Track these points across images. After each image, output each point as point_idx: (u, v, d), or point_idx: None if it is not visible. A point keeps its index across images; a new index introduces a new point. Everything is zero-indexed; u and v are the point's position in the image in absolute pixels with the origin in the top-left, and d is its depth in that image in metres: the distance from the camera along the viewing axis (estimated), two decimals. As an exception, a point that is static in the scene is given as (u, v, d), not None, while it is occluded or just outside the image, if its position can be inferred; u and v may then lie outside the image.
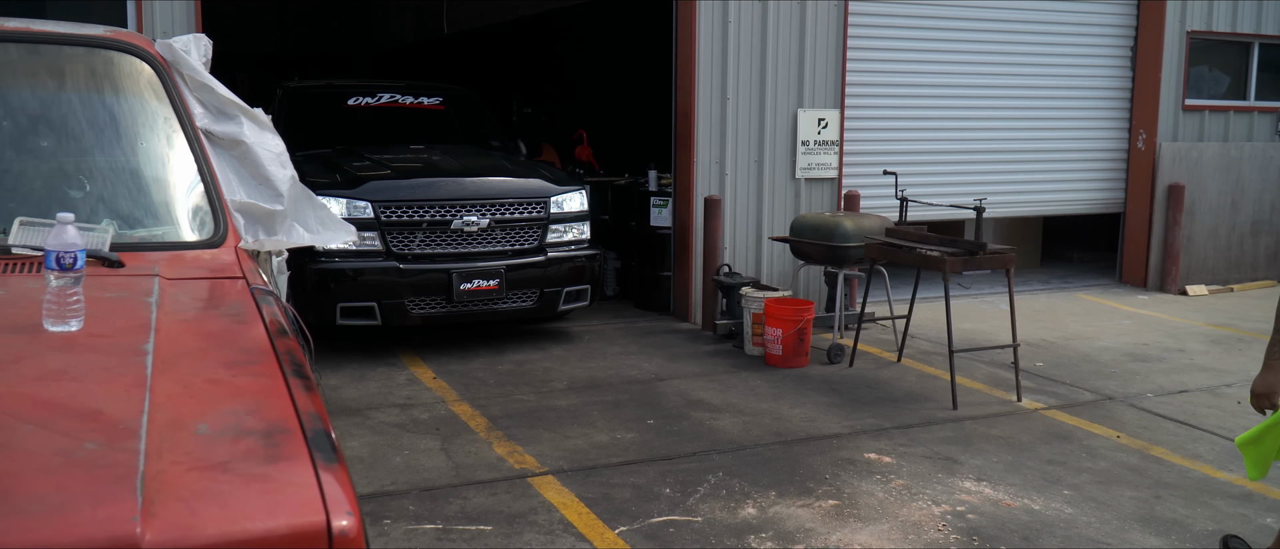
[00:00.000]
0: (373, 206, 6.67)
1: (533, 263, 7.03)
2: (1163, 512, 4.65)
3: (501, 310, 6.99)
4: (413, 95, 8.51)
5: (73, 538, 1.45)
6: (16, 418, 1.73)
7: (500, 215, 6.95)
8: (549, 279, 7.10)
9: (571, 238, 7.28)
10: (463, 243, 6.86)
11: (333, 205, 6.28)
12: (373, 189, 6.72)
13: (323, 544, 1.59)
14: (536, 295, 7.09)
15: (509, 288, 6.92)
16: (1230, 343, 7.96)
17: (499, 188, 7.05)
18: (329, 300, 6.58)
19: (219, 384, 2.02)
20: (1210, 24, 10.17)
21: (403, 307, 6.72)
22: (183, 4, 6.55)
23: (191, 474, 1.64)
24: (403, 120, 8.38)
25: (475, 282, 6.78)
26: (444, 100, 8.65)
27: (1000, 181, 9.62)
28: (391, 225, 6.71)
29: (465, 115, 8.74)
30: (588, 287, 7.34)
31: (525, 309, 7.08)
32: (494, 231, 6.93)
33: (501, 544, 4.20)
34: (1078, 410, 6.15)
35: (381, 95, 8.37)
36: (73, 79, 3.10)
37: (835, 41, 8.59)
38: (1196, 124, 10.29)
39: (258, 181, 3.18)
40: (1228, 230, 10.30)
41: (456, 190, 6.88)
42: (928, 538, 4.33)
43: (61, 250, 2.13)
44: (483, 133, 8.60)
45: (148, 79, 3.13)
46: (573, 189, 7.36)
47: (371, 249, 6.68)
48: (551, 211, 7.15)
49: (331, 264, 6.60)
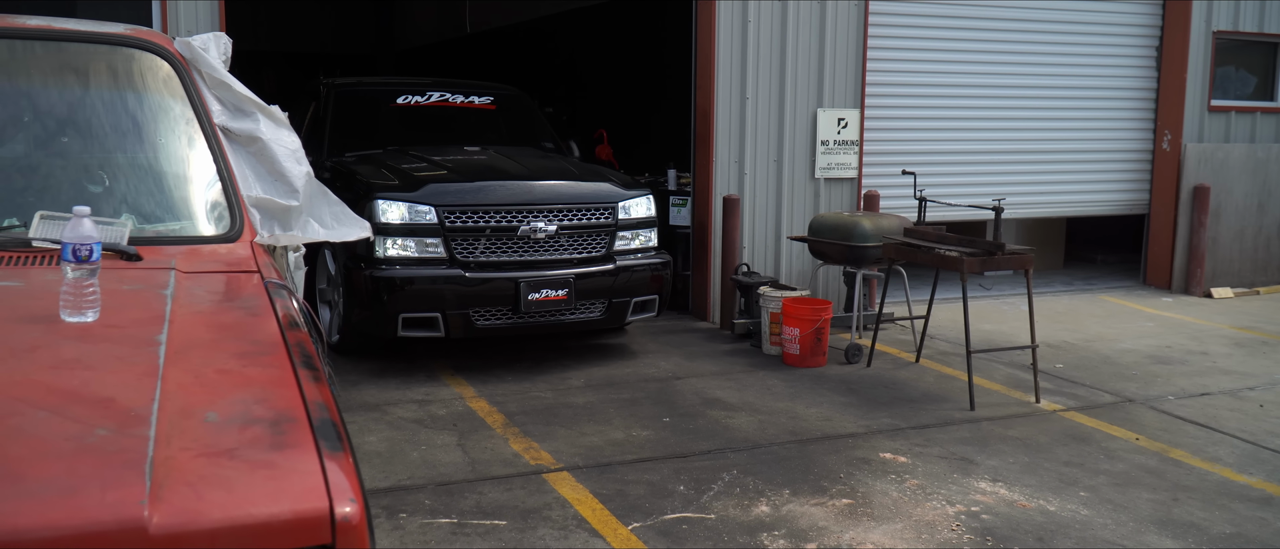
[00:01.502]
0: (436, 211, 6.28)
1: (601, 272, 6.63)
2: (1180, 514, 4.63)
3: (568, 322, 6.60)
4: (463, 94, 8.19)
5: (82, 520, 1.49)
6: (30, 404, 1.77)
7: (567, 221, 6.56)
8: (617, 288, 6.71)
9: (639, 245, 6.90)
10: (529, 250, 6.47)
11: (392, 209, 6.22)
12: (436, 192, 6.35)
13: (326, 530, 1.63)
14: (604, 306, 6.69)
15: (577, 298, 6.52)
16: (1254, 346, 7.89)
17: (566, 192, 6.68)
18: (391, 310, 6.24)
19: (229, 374, 2.05)
20: (1237, 24, 10.08)
21: (468, 318, 6.33)
22: (207, 3, 6.62)
23: (199, 460, 1.67)
24: (453, 120, 8.05)
25: (544, 291, 6.38)
26: (495, 100, 8.31)
27: (1022, 182, 9.57)
28: (455, 231, 6.32)
29: (517, 115, 8.41)
30: (656, 297, 6.95)
31: (593, 320, 6.70)
32: (560, 238, 6.54)
33: (515, 539, 4.23)
34: (1097, 412, 6.11)
35: (431, 94, 8.04)
36: (93, 77, 3.15)
37: (855, 41, 8.57)
38: (1222, 125, 10.20)
39: (274, 177, 3.23)
40: (1254, 232, 10.20)
41: (523, 194, 6.51)
42: (941, 538, 4.32)
43: (78, 243, 2.17)
44: (535, 133, 8.28)
45: (167, 76, 3.18)
46: (640, 193, 6.98)
47: (434, 256, 6.31)
48: (619, 217, 6.77)
49: (392, 272, 6.23)
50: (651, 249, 6.99)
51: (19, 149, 3.07)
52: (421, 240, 6.24)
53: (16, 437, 1.67)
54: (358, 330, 6.57)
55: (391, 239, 6.23)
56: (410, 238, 6.23)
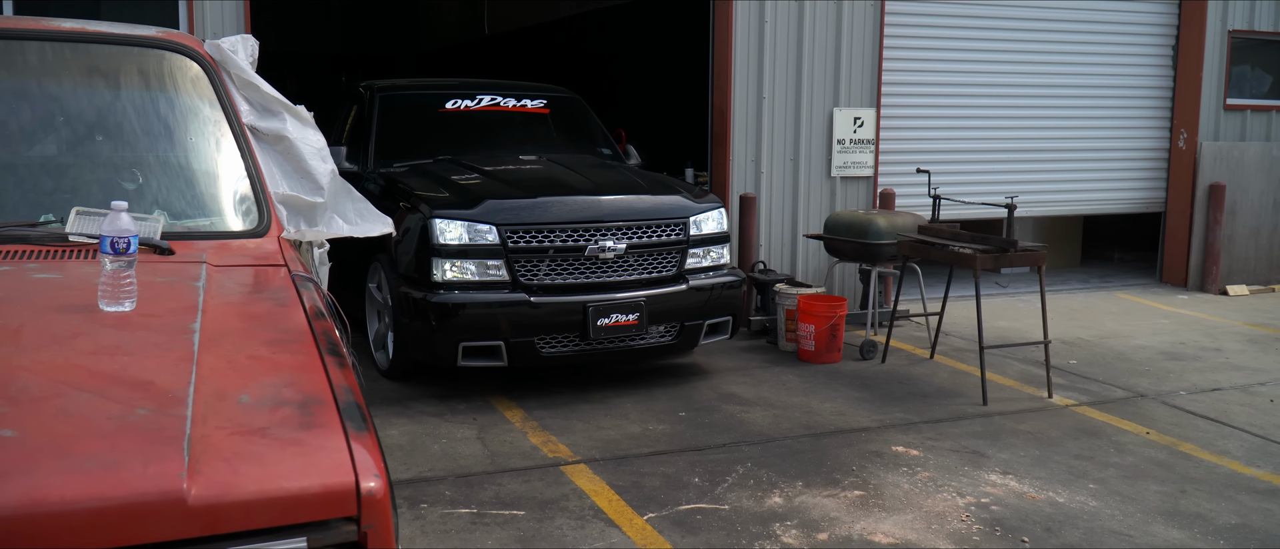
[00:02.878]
0: (498, 230, 5.79)
1: (673, 293, 6.15)
2: (1187, 506, 4.69)
3: (638, 347, 6.14)
4: (515, 97, 7.63)
5: (126, 491, 1.60)
6: (74, 387, 1.89)
7: (637, 239, 6.07)
8: (690, 310, 6.24)
9: (710, 262, 6.42)
10: (596, 271, 5.98)
11: (451, 229, 5.77)
12: (497, 210, 5.85)
13: (351, 503, 1.73)
14: (676, 329, 6.23)
15: (649, 321, 6.05)
16: (1268, 342, 7.91)
17: (635, 206, 6.18)
18: (450, 339, 5.75)
19: (260, 360, 2.16)
20: (1252, 23, 10.08)
21: (532, 346, 5.87)
22: (232, 4, 6.76)
23: (233, 438, 1.78)
24: (505, 126, 7.52)
25: (613, 316, 5.90)
26: (548, 103, 7.76)
27: (1038, 180, 9.61)
28: (519, 252, 5.83)
29: (572, 120, 7.86)
30: (730, 318, 6.45)
31: (664, 345, 6.26)
32: (629, 258, 6.05)
33: (533, 529, 4.34)
34: (1109, 407, 6.17)
35: (481, 97, 7.51)
36: (126, 78, 3.28)
37: (872, 41, 8.64)
38: (1238, 123, 10.21)
39: (300, 175, 3.34)
40: (1270, 230, 10.20)
41: (590, 210, 6.01)
42: (950, 528, 4.40)
43: (116, 236, 2.29)
44: (591, 139, 7.75)
45: (197, 78, 3.30)
46: (712, 206, 6.49)
47: (496, 279, 5.81)
48: (691, 233, 6.28)
49: (452, 297, 5.75)
50: (724, 266, 6.52)
51: (55, 148, 3.19)
52: (482, 262, 5.80)
53: (62, 416, 1.78)
54: (412, 359, 6.19)
55: (450, 261, 5.78)
56: (470, 260, 5.79)
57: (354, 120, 7.53)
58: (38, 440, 1.68)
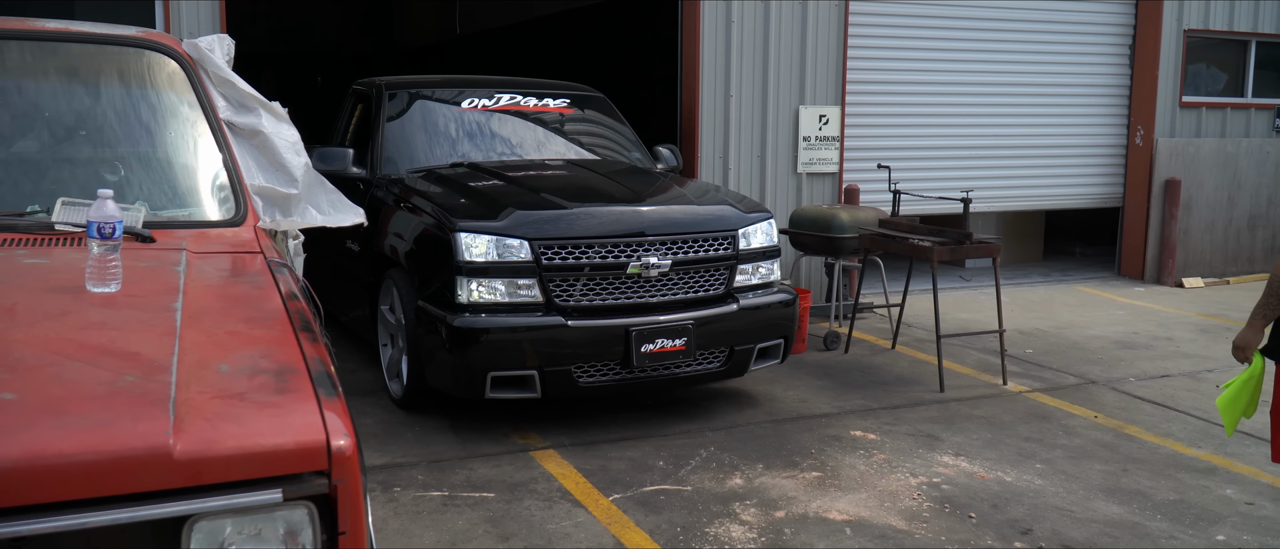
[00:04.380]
0: (530, 246, 5.20)
1: (723, 314, 5.55)
2: (1128, 483, 4.91)
3: (684, 374, 5.54)
4: (536, 96, 7.05)
5: (117, 446, 1.77)
6: (67, 357, 2.05)
7: (683, 254, 5.48)
8: (740, 333, 5.64)
9: (759, 279, 5.82)
10: (638, 291, 5.40)
11: (477, 244, 5.18)
12: (529, 221, 5.26)
13: (323, 459, 1.90)
14: (725, 354, 5.63)
15: (696, 347, 5.47)
16: (1218, 332, 8.18)
17: (681, 218, 5.59)
18: (477, 368, 5.14)
19: (237, 335, 2.33)
20: (1207, 22, 10.37)
21: (568, 375, 5.26)
22: (208, 4, 6.89)
23: (214, 401, 1.95)
24: (528, 127, 6.90)
25: (659, 342, 5.32)
26: (572, 102, 7.19)
27: (999, 176, 9.86)
28: (554, 269, 5.23)
29: (599, 120, 7.28)
30: (781, 341, 5.86)
31: (711, 372, 5.65)
32: (673, 275, 5.46)
33: (503, 509, 4.51)
34: (1060, 393, 6.40)
35: (500, 96, 6.92)
36: (107, 76, 3.43)
37: (836, 40, 8.86)
38: (1194, 120, 10.50)
39: (275, 168, 3.51)
40: (1224, 225, 10.50)
41: (632, 222, 5.42)
42: (902, 505, 4.61)
43: (102, 221, 2.45)
44: (620, 141, 7.17)
45: (176, 75, 3.45)
46: (762, 217, 5.89)
47: (529, 301, 5.21)
48: (739, 247, 5.68)
49: (479, 321, 5.12)
50: (774, 283, 5.93)
51: (40, 142, 3.34)
52: (512, 281, 5.20)
53: (57, 382, 1.94)
54: (431, 388, 5.53)
55: (476, 280, 5.17)
56: (499, 278, 5.19)
57: (359, 121, 7.07)
58: (35, 402, 1.85)
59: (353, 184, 6.27)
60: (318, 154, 6.03)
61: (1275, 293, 3.66)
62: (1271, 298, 3.68)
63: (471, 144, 6.62)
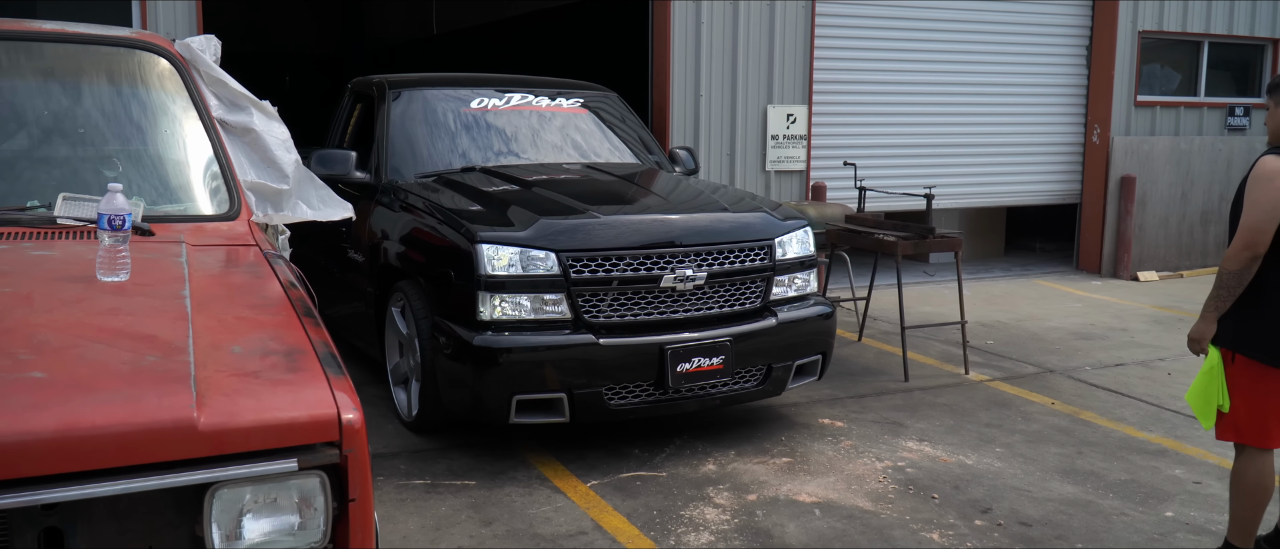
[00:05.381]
0: (558, 258, 4.83)
1: (761, 329, 5.20)
2: (1082, 465, 5.14)
3: (719, 395, 5.16)
4: (548, 95, 6.68)
5: (146, 419, 1.91)
6: (88, 340, 2.19)
7: (719, 265, 5.13)
8: (779, 349, 5.29)
9: (796, 292, 5.47)
10: (671, 305, 5.04)
11: (500, 256, 4.80)
12: (555, 231, 4.89)
13: (334, 431, 2.06)
14: (763, 372, 5.28)
15: (735, 365, 5.12)
16: (1171, 323, 8.47)
17: (715, 227, 5.22)
18: (501, 391, 4.77)
19: (245, 320, 2.47)
20: (1161, 24, 10.69)
21: (599, 397, 4.89)
22: (185, 4, 6.98)
23: (231, 379, 2.10)
24: (539, 128, 6.51)
25: (696, 360, 4.96)
26: (585, 101, 6.82)
27: (961, 174, 10.12)
28: (582, 283, 4.87)
29: (613, 120, 6.89)
30: (820, 357, 5.53)
31: (748, 391, 5.29)
32: (708, 288, 5.11)
33: (484, 495, 4.66)
34: (1019, 381, 6.64)
35: (510, 95, 6.52)
36: (103, 75, 3.55)
37: (803, 40, 9.06)
38: (1148, 119, 10.82)
39: (266, 164, 3.64)
40: (1178, 220, 10.83)
41: (665, 231, 5.07)
42: (868, 488, 4.81)
43: (113, 214, 2.58)
44: (636, 143, 6.78)
45: (170, 75, 3.58)
46: (798, 224, 5.53)
47: (556, 317, 4.84)
48: (776, 258, 5.33)
49: (502, 340, 4.75)
50: (811, 296, 5.56)
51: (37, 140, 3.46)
52: (538, 296, 4.83)
53: (82, 362, 2.08)
54: (448, 412, 5.16)
55: (500, 296, 4.80)
56: (523, 294, 4.82)
57: (358, 122, 6.73)
58: (65, 380, 1.98)
59: (356, 190, 5.96)
60: (317, 158, 5.72)
61: (1226, 286, 3.83)
62: (1223, 290, 3.84)
63: (482, 147, 6.25)
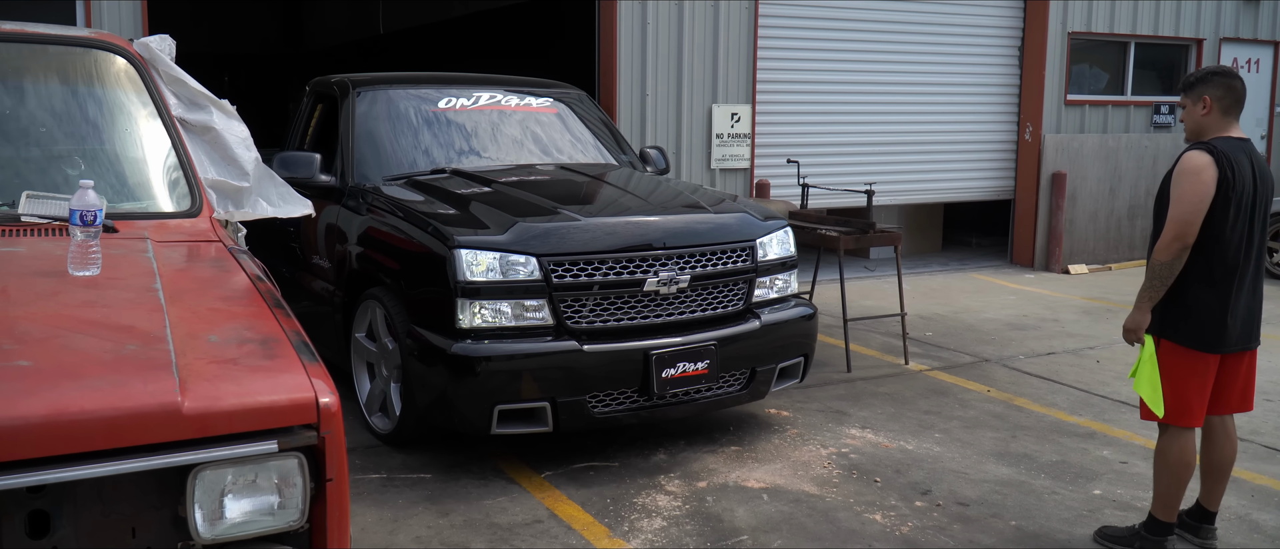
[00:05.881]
0: (539, 263, 4.69)
1: (745, 332, 5.13)
2: (1016, 448, 5.37)
3: (704, 400, 5.10)
4: (518, 95, 6.51)
5: (133, 404, 2.00)
6: (69, 330, 2.27)
7: (702, 267, 5.03)
8: (763, 353, 5.22)
9: (777, 294, 5.40)
10: (654, 309, 4.94)
11: (479, 261, 4.66)
12: (535, 236, 4.75)
13: (312, 414, 2.16)
14: (746, 376, 5.22)
15: (720, 369, 5.04)
16: (1100, 313, 8.79)
17: (698, 228, 5.13)
18: (482, 401, 4.65)
19: (218, 311, 2.56)
20: (1089, 25, 11.05)
21: (583, 406, 4.78)
22: (130, 4, 6.96)
23: (211, 365, 2.19)
24: (509, 128, 6.33)
25: (681, 366, 4.86)
26: (555, 101, 6.66)
27: (900, 171, 10.39)
28: (565, 288, 4.73)
29: (585, 120, 6.73)
30: (802, 359, 5.50)
31: (732, 396, 5.22)
32: (691, 291, 5.01)
33: (440, 487, 4.75)
34: (957, 370, 6.88)
35: (478, 94, 6.35)
36: (64, 75, 3.59)
37: (747, 40, 9.25)
38: (1078, 117, 11.18)
39: (227, 162, 3.70)
40: (1106, 214, 11.21)
41: (647, 233, 4.97)
42: (814, 473, 4.98)
43: (84, 210, 2.65)
44: (607, 142, 6.65)
45: (130, 75, 3.63)
46: (778, 225, 5.47)
47: (537, 324, 4.71)
48: (758, 259, 5.25)
49: (482, 348, 4.61)
50: (792, 297, 5.51)
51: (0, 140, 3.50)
52: (519, 303, 4.69)
53: (66, 351, 2.16)
54: (426, 422, 5.02)
55: (480, 303, 4.66)
56: (504, 300, 4.68)
57: (319, 123, 6.51)
58: (51, 368, 2.07)
59: (321, 193, 5.71)
60: (279, 160, 5.54)
61: (1158, 276, 4.03)
62: (1155, 281, 4.04)
63: (452, 148, 6.08)
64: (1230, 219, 3.92)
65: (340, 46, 19.41)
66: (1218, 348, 4.00)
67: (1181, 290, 4.00)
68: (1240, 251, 3.98)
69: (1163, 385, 4.05)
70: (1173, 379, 4.05)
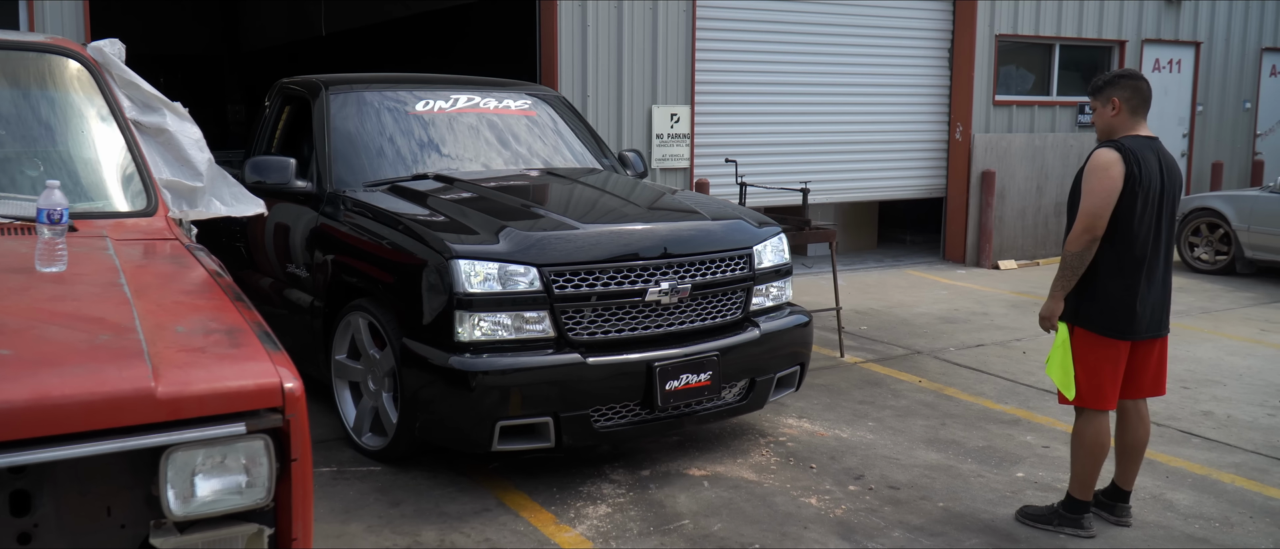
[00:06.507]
0: (540, 274, 4.55)
1: (745, 342, 5.04)
2: (945, 434, 5.63)
3: (704, 412, 5.00)
4: (495, 97, 6.35)
5: (110, 389, 2.13)
6: (43, 322, 2.38)
7: (702, 276, 4.93)
8: (762, 363, 5.14)
9: (773, 302, 5.33)
10: (655, 319, 4.82)
11: (477, 272, 4.50)
12: (535, 245, 4.62)
13: (278, 398, 2.30)
14: (746, 386, 5.14)
15: (721, 380, 4.96)
16: (1027, 306, 9.14)
17: (700, 235, 5.05)
18: (483, 417, 4.49)
19: (183, 305, 2.69)
20: (1016, 27, 11.44)
21: (587, 420, 4.66)
22: (72, 4, 6.97)
23: (180, 354, 2.32)
24: (490, 131, 6.17)
25: (684, 378, 4.77)
26: (533, 104, 6.51)
27: (835, 170, 10.67)
28: (566, 299, 4.60)
29: (563, 122, 6.58)
30: (798, 368, 5.41)
31: (731, 407, 5.14)
32: (691, 301, 4.91)
33: (390, 480, 4.88)
34: (890, 362, 7.14)
35: (455, 96, 6.17)
36: (18, 78, 3.67)
37: (685, 42, 9.46)
38: (1006, 117, 11.57)
39: (180, 163, 3.80)
40: (1034, 211, 11.61)
41: (649, 242, 4.86)
42: (753, 460, 5.19)
43: (51, 209, 2.75)
44: (587, 146, 6.52)
45: (84, 78, 3.72)
46: (773, 231, 5.40)
47: (539, 336, 4.58)
48: (755, 267, 5.17)
49: (482, 362, 4.46)
50: (787, 306, 5.45)
51: (-49, 141, 3.57)
52: (519, 315, 4.55)
53: (42, 342, 2.28)
54: (421, 439, 4.84)
55: (479, 315, 4.50)
56: (504, 312, 4.54)
57: (287, 126, 6.32)
58: (30, 357, 2.18)
59: (296, 200, 5.62)
60: (252, 165, 5.37)
61: (1070, 267, 4.29)
62: (1067, 271, 4.30)
63: (433, 152, 5.90)
64: (1138, 212, 4.19)
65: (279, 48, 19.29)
66: (1128, 334, 4.27)
67: (1093, 280, 4.26)
68: (1148, 243, 4.25)
69: (1076, 370, 4.31)
70: (1086, 364, 4.31)
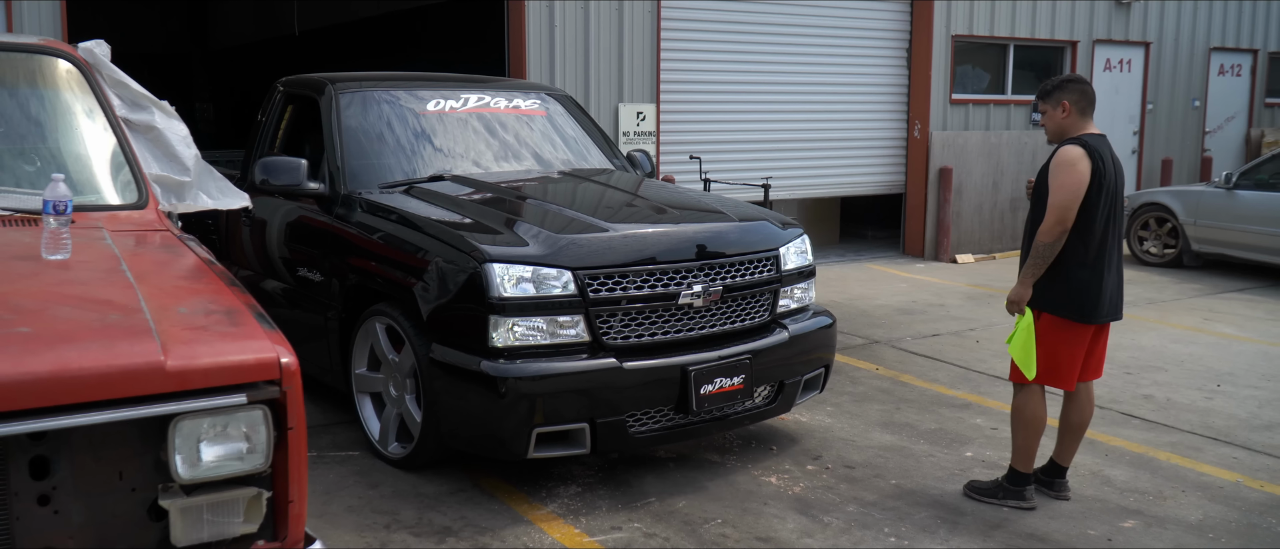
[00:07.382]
0: (575, 278, 4.47)
1: (775, 345, 4.99)
2: (899, 418, 5.91)
3: (736, 416, 4.95)
4: (506, 97, 6.28)
5: (124, 362, 2.33)
6: (56, 304, 2.58)
7: (731, 278, 4.87)
8: (790, 365, 5.10)
9: (797, 304, 5.29)
10: (687, 323, 4.76)
11: (511, 275, 4.40)
12: (569, 248, 4.55)
13: (275, 371, 2.51)
14: (775, 389, 5.10)
15: (753, 383, 4.91)
16: (983, 299, 9.46)
17: (729, 237, 5.00)
18: (519, 424, 4.39)
19: (182, 289, 2.89)
20: (971, 28, 11.77)
21: (622, 426, 4.58)
22: (50, 4, 7.09)
23: (185, 331, 2.52)
24: (502, 132, 6.10)
25: (718, 381, 4.72)
26: (542, 103, 6.44)
27: (797, 166, 10.95)
28: (601, 303, 4.53)
29: (572, 123, 6.51)
30: (823, 370, 5.39)
31: (760, 411, 5.08)
32: (721, 303, 4.85)
33: (368, 464, 5.07)
34: (849, 351, 7.42)
35: (465, 97, 6.07)
36: (13, 79, 3.84)
37: (650, 41, 9.69)
38: (962, 115, 11.90)
39: (169, 159, 3.99)
40: (990, 207, 11.95)
41: (681, 244, 4.81)
42: (716, 442, 5.43)
43: (57, 200, 2.94)
44: (599, 146, 6.47)
45: (75, 77, 3.89)
46: (796, 232, 5.35)
47: (574, 341, 4.50)
48: (782, 268, 5.13)
49: (517, 368, 4.36)
50: (810, 307, 5.41)
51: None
52: (554, 319, 4.46)
53: (58, 321, 2.47)
54: (449, 446, 4.75)
55: (513, 320, 4.40)
56: (539, 316, 4.44)
57: (291, 126, 6.23)
58: (49, 334, 2.38)
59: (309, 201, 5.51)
60: (262, 166, 5.20)
61: (1041, 256, 4.54)
62: (1038, 260, 4.55)
63: (448, 152, 5.80)
64: (1100, 205, 4.48)
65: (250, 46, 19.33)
66: (1093, 318, 4.56)
67: (1062, 269, 4.53)
68: (1107, 233, 4.54)
69: (1039, 353, 4.58)
70: (1050, 347, 4.58)
